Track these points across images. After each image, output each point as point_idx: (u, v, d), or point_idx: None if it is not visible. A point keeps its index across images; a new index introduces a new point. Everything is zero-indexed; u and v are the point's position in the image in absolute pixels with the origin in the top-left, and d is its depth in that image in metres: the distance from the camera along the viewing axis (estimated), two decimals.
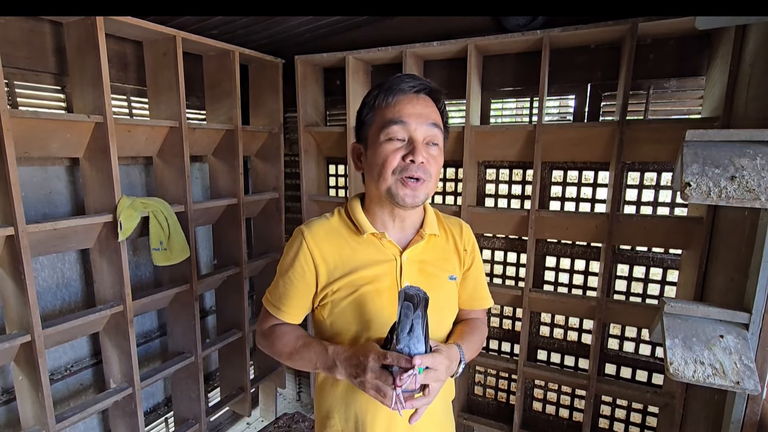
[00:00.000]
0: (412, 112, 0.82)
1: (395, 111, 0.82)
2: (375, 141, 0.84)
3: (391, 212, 0.90)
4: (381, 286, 0.87)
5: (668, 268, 1.88)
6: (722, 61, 1.48)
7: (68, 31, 1.62)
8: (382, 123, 0.83)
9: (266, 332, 0.95)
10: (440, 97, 0.89)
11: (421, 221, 0.94)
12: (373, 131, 0.85)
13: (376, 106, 0.85)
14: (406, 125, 0.82)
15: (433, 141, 0.84)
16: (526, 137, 1.87)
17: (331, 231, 0.91)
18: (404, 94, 0.84)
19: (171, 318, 2.14)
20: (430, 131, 0.83)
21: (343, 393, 0.91)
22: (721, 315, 1.09)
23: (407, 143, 0.82)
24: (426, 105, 0.84)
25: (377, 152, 0.83)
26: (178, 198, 1.94)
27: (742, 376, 1.01)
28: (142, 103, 2.05)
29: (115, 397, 1.77)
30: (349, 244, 0.90)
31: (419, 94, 0.85)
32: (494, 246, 2.22)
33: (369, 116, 0.87)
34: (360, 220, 0.90)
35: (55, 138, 1.56)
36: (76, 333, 1.74)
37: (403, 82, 0.84)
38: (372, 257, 0.89)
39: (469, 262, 0.99)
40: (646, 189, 1.87)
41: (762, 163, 0.98)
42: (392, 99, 0.83)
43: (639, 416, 2.04)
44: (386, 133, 0.82)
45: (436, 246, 0.95)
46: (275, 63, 2.31)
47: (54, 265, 1.79)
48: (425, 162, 0.82)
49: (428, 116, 0.83)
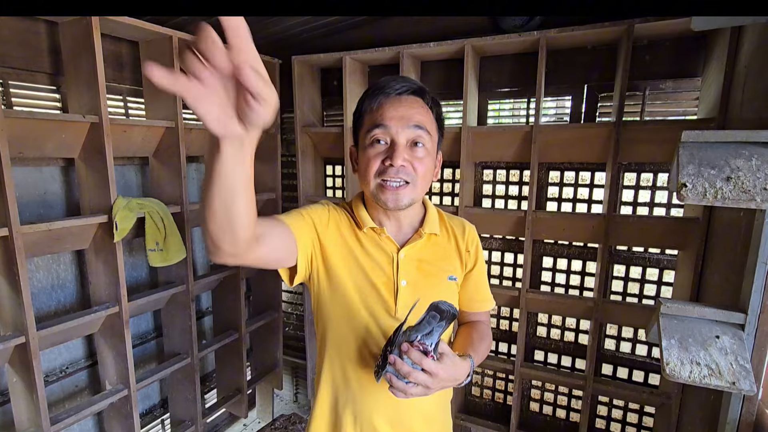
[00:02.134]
0: (394, 115, 0.82)
1: (378, 114, 0.83)
2: (363, 144, 0.86)
3: (384, 211, 0.90)
4: (376, 280, 0.88)
5: (665, 269, 1.88)
6: (718, 63, 1.49)
7: (63, 30, 1.61)
8: (368, 126, 0.84)
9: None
10: (427, 96, 0.88)
11: (420, 220, 0.94)
12: (362, 135, 0.87)
13: (364, 110, 0.87)
14: (387, 128, 0.82)
15: (417, 141, 0.83)
16: (523, 138, 1.87)
17: (342, 217, 0.93)
18: (387, 97, 0.84)
19: (167, 319, 2.13)
20: (413, 133, 0.83)
21: (342, 385, 0.90)
22: (717, 315, 1.10)
23: (389, 146, 0.83)
24: (410, 106, 0.84)
25: (363, 155, 0.85)
26: (175, 198, 1.93)
27: (738, 377, 1.01)
28: (138, 103, 2.04)
29: (110, 398, 1.76)
30: (351, 235, 0.91)
31: (402, 96, 0.85)
32: (491, 247, 2.22)
33: (359, 120, 0.89)
34: (361, 215, 0.91)
35: (50, 138, 1.55)
36: (71, 334, 1.73)
37: (387, 85, 0.85)
38: (370, 250, 0.90)
39: (472, 263, 0.99)
40: (643, 189, 1.87)
41: (757, 163, 0.98)
42: (376, 102, 0.84)
43: (636, 416, 2.04)
44: (370, 137, 0.83)
45: (437, 245, 0.95)
46: (272, 63, 2.31)
47: (49, 266, 1.78)
48: (406, 165, 0.82)
49: (411, 118, 0.83)
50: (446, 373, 0.72)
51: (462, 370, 0.78)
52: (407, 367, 0.69)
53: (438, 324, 0.73)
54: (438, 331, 0.73)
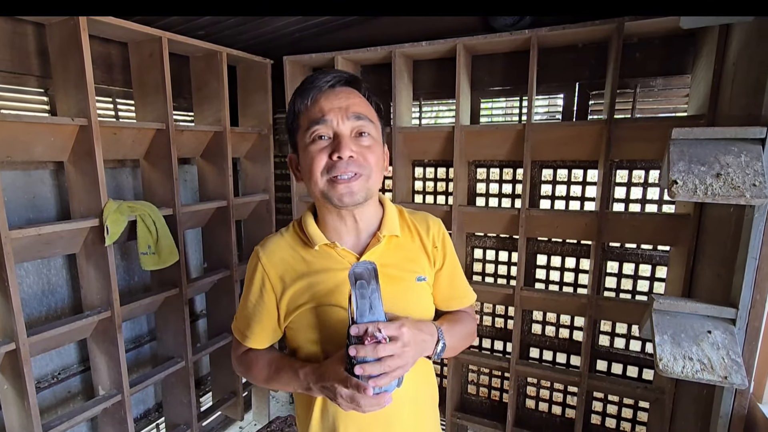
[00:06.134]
0: (331, 107, 0.78)
1: (314, 110, 0.79)
2: (303, 145, 0.81)
3: (339, 216, 0.85)
4: (339, 297, 0.83)
5: (657, 265, 1.90)
6: (707, 60, 1.50)
7: (51, 32, 1.59)
8: (306, 125, 0.80)
9: (240, 358, 0.94)
10: (361, 85, 0.84)
11: (378, 223, 0.88)
12: (300, 136, 0.82)
13: (297, 111, 0.82)
14: (328, 122, 0.77)
15: (361, 131, 0.79)
16: (516, 136, 1.88)
17: (285, 247, 0.88)
18: (320, 91, 0.80)
19: (161, 322, 2.11)
20: (355, 123, 0.79)
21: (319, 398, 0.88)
22: (708, 311, 1.11)
23: (333, 140, 0.78)
24: (347, 97, 0.80)
25: (305, 155, 0.80)
26: (167, 201, 1.91)
27: (730, 371, 1.02)
28: (128, 105, 2.02)
29: (103, 404, 1.74)
30: (304, 259, 0.86)
31: (335, 88, 0.81)
32: (485, 245, 2.22)
33: (294, 123, 0.84)
34: (311, 233, 0.85)
35: (38, 141, 1.53)
36: (63, 340, 1.71)
37: (317, 78, 0.81)
38: (327, 269, 0.85)
39: (441, 259, 0.93)
40: (635, 186, 1.89)
41: (746, 160, 0.99)
42: (309, 99, 0.80)
43: (630, 411, 2.06)
44: (310, 134, 0.79)
45: (399, 247, 0.89)
46: (264, 63, 2.30)
47: (39, 271, 1.76)
48: (356, 155, 0.78)
49: (350, 108, 0.79)
50: (409, 331, 0.72)
51: (426, 327, 0.79)
52: (369, 348, 0.67)
53: (370, 290, 0.70)
54: (375, 297, 0.70)
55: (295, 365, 0.83)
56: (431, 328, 0.82)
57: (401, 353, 0.70)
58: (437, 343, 0.82)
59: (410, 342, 0.72)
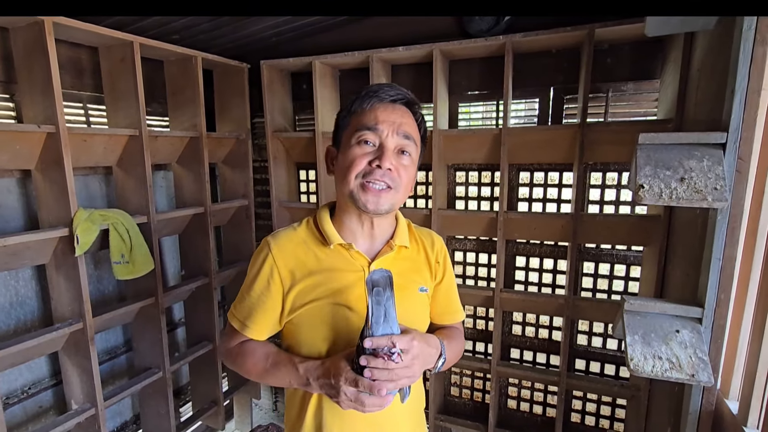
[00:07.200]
0: (386, 119, 0.83)
1: (369, 116, 0.83)
2: (347, 144, 0.85)
3: (359, 219, 0.88)
4: (349, 297, 0.85)
5: (631, 265, 1.94)
6: (674, 66, 1.54)
7: (15, 36, 1.54)
8: (356, 127, 0.84)
9: (233, 350, 0.92)
10: (417, 108, 0.89)
11: (392, 232, 0.93)
12: (346, 135, 0.86)
13: (353, 111, 0.86)
14: (378, 131, 0.82)
15: (404, 150, 0.84)
16: (493, 140, 1.90)
17: (298, 242, 0.89)
18: (380, 102, 0.85)
19: (137, 333, 2.06)
20: (402, 141, 0.83)
21: (314, 400, 0.88)
22: (676, 311, 1.14)
23: (377, 149, 0.82)
24: (402, 115, 0.85)
25: (346, 155, 0.84)
26: (141, 208, 1.87)
27: (697, 369, 1.05)
28: (100, 111, 1.97)
29: (77, 418, 1.69)
30: (316, 256, 0.88)
31: (396, 104, 0.86)
32: (465, 248, 2.24)
33: (345, 120, 0.88)
34: (327, 231, 0.88)
35: (3, 149, 1.48)
36: (33, 353, 1.65)
37: (382, 90, 0.85)
38: (339, 269, 0.87)
39: (441, 275, 0.99)
40: (608, 189, 1.93)
41: (708, 164, 1.02)
42: (368, 105, 0.84)
43: (608, 409, 2.10)
44: (357, 137, 0.82)
45: (407, 258, 0.94)
46: (240, 68, 2.27)
47: (6, 282, 1.70)
48: (393, 170, 0.82)
49: (402, 126, 0.83)
50: (419, 344, 0.76)
51: (432, 341, 0.83)
52: (380, 360, 0.70)
53: (386, 298, 0.72)
54: (390, 305, 0.73)
55: (294, 360, 0.84)
56: (436, 342, 0.86)
57: (410, 365, 0.74)
58: (439, 358, 0.86)
59: (419, 355, 0.76)
